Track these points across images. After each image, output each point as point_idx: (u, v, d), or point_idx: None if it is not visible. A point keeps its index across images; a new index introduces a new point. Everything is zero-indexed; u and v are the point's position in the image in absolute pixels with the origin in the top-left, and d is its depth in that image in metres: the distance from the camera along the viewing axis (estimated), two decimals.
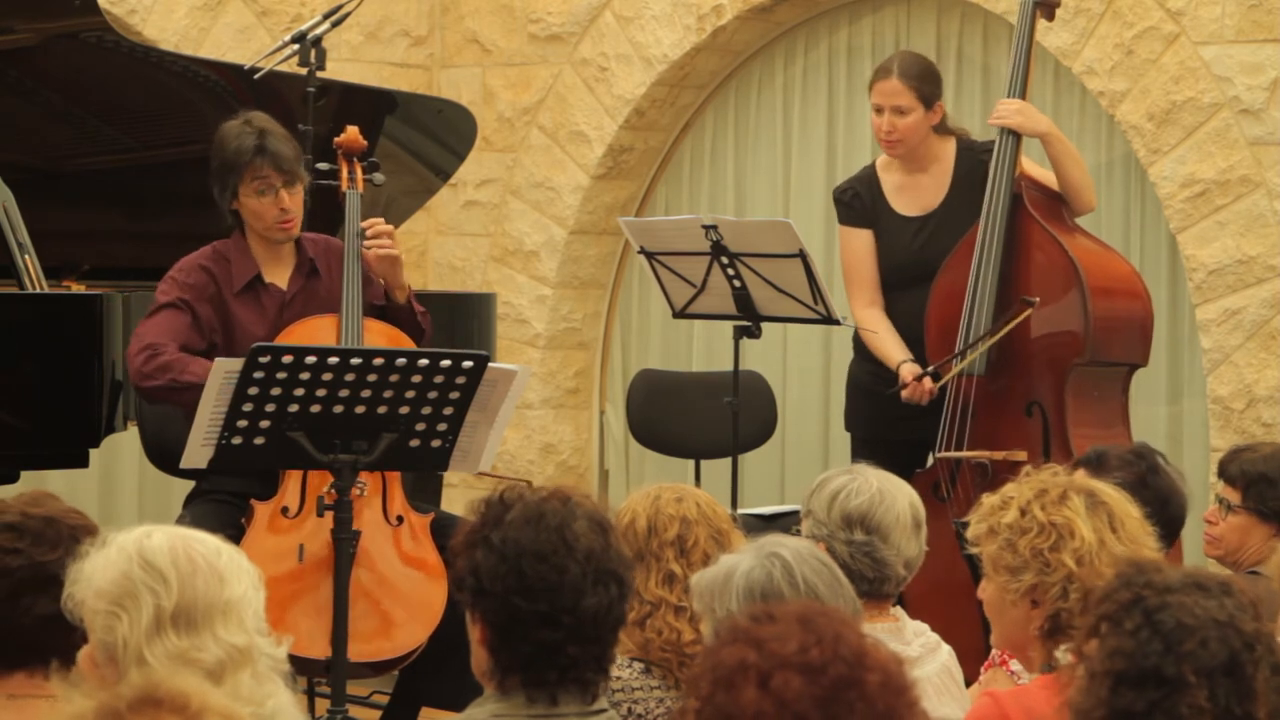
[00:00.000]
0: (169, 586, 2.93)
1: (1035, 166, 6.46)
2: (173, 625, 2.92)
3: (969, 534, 3.61)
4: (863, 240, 6.52)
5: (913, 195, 6.50)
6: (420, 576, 5.61)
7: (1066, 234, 6.28)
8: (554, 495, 3.22)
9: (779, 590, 3.46)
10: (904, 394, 6.25)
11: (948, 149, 6.49)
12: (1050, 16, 6.46)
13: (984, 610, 3.65)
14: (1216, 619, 2.67)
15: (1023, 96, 6.33)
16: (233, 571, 2.98)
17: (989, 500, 3.62)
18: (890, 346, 6.37)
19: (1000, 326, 6.16)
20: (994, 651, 4.32)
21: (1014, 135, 6.28)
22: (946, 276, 6.31)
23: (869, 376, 6.44)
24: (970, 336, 6.21)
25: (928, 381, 6.21)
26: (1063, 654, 3.31)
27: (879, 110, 6.41)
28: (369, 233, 5.73)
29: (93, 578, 2.97)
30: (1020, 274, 6.23)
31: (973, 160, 6.41)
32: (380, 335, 5.74)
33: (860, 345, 6.54)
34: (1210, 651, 2.65)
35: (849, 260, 6.56)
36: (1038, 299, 6.13)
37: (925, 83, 6.44)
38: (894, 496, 4.20)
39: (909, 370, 6.27)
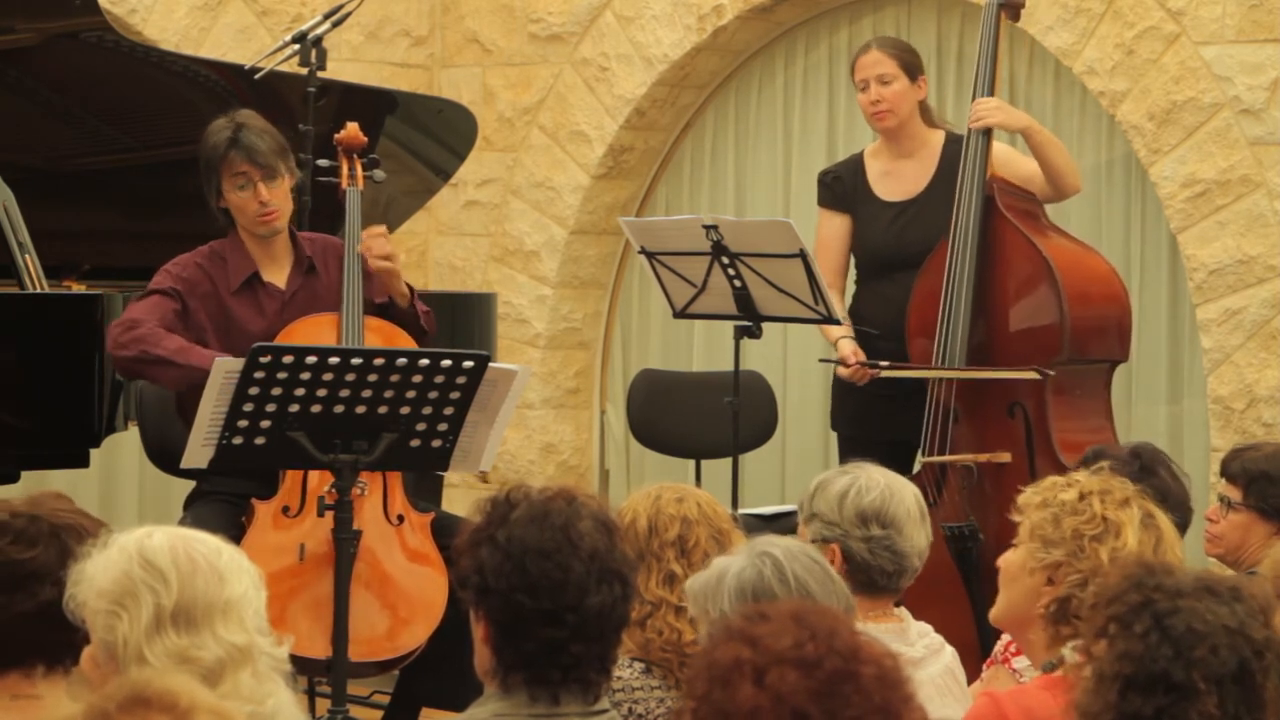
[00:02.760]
0: (169, 585, 2.94)
1: (1010, 152, 6.46)
2: (173, 624, 2.92)
3: (1020, 500, 3.61)
4: (836, 224, 6.54)
5: (896, 181, 6.52)
6: (421, 576, 5.60)
7: (1041, 234, 6.28)
8: (559, 494, 3.23)
9: (770, 589, 3.47)
10: (840, 372, 6.27)
11: (935, 139, 6.52)
12: (1015, 17, 6.46)
13: (998, 579, 3.65)
14: (1227, 625, 2.66)
15: (991, 95, 6.34)
16: (233, 571, 2.98)
17: (1053, 478, 3.63)
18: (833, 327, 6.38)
19: (979, 370, 6.15)
20: (997, 648, 4.32)
21: (985, 134, 6.29)
22: (926, 280, 6.32)
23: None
24: (947, 338, 6.21)
25: (866, 369, 6.23)
26: (1070, 652, 3.31)
27: (864, 86, 6.45)
28: (364, 243, 5.71)
29: (94, 578, 2.98)
30: (996, 275, 6.23)
31: (958, 152, 6.42)
32: (380, 334, 5.74)
33: None
34: (1220, 659, 2.64)
35: (818, 242, 6.59)
36: (1052, 373, 6.09)
37: (905, 52, 6.50)
38: (901, 489, 4.22)
39: (848, 347, 6.29)
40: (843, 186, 6.56)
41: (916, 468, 6.32)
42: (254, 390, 5.07)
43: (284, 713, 2.94)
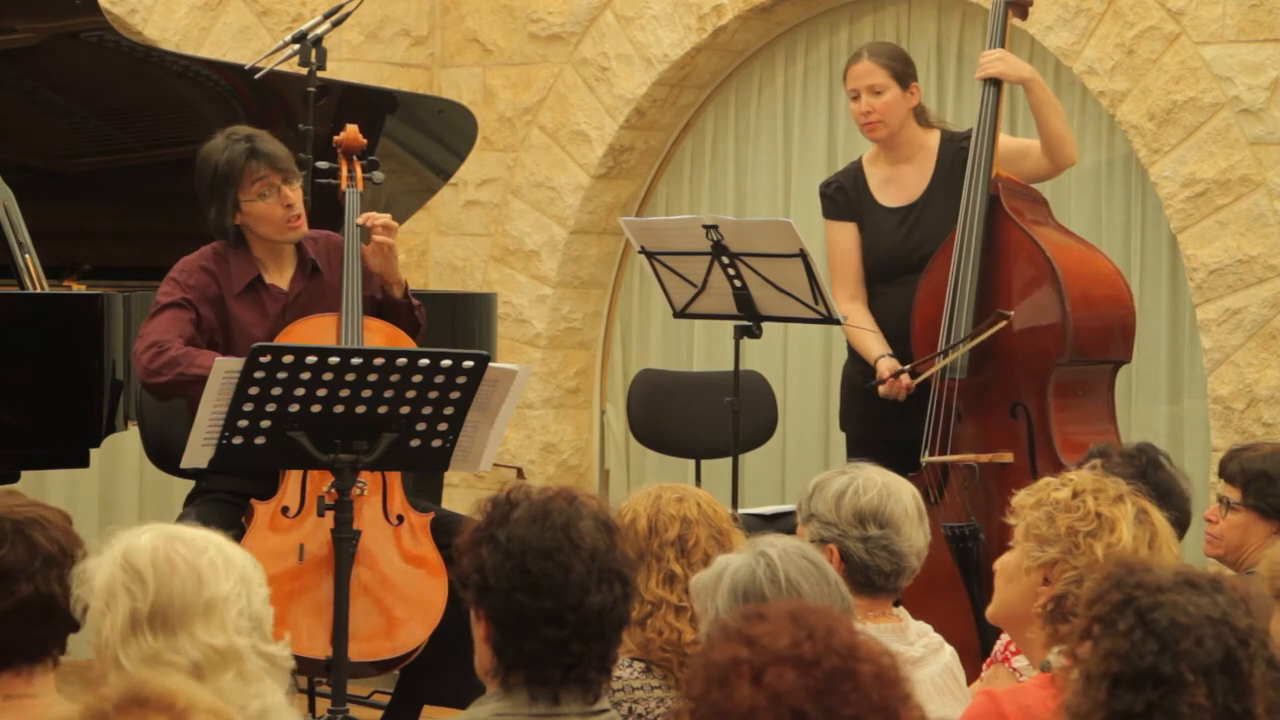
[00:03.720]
0: (145, 588, 2.93)
1: (1004, 136, 6.47)
2: (149, 627, 2.91)
3: (1014, 502, 3.63)
4: (846, 234, 6.54)
5: (897, 187, 6.51)
6: (421, 575, 5.61)
7: (1045, 234, 6.27)
8: (560, 494, 3.23)
9: (760, 589, 3.48)
10: (881, 390, 6.27)
11: (931, 140, 6.51)
12: (1023, 16, 6.46)
13: (994, 580, 3.66)
14: (1210, 616, 2.67)
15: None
16: (214, 571, 2.95)
17: (1046, 479, 3.65)
18: (870, 341, 6.38)
19: (975, 335, 6.15)
20: (996, 648, 4.32)
21: (995, 86, 6.29)
22: (930, 277, 6.32)
23: (862, 376, 6.44)
24: (951, 337, 6.21)
25: (905, 378, 6.23)
26: (1056, 657, 3.31)
27: (855, 96, 6.45)
28: (370, 223, 5.74)
29: (92, 577, 2.98)
30: (999, 275, 6.23)
31: (954, 149, 6.43)
32: (380, 334, 5.74)
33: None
34: (1206, 649, 2.64)
35: (832, 254, 6.58)
36: (1012, 313, 6.11)
37: (897, 61, 6.48)
38: (899, 489, 4.22)
39: (886, 365, 6.29)
40: (846, 197, 6.56)
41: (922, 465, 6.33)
42: (254, 390, 5.07)
43: (272, 714, 2.92)
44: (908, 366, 6.25)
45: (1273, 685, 2.67)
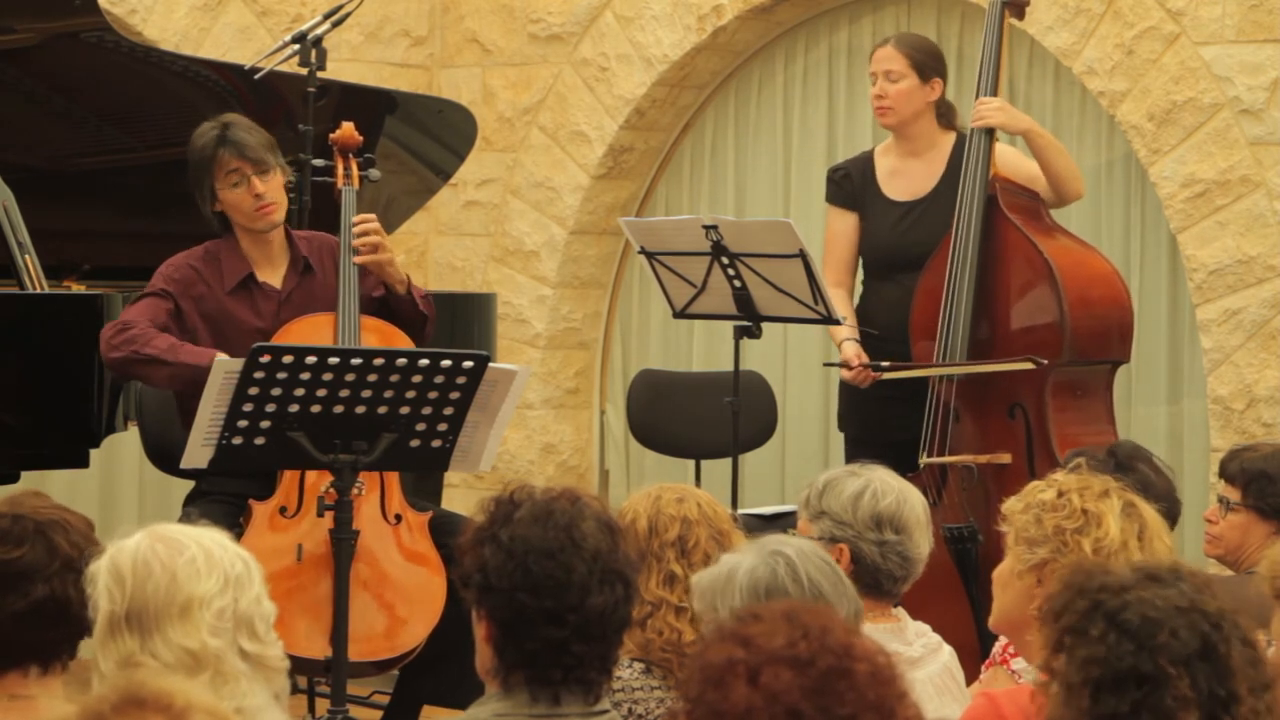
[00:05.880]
0: (124, 590, 2.93)
1: (1013, 154, 6.46)
2: (126, 629, 2.92)
3: (1004, 509, 3.63)
4: (844, 221, 6.55)
5: (905, 181, 6.52)
6: (419, 575, 5.61)
7: (1043, 234, 6.27)
8: (563, 495, 3.24)
9: (784, 588, 3.47)
10: (843, 375, 6.28)
11: (946, 140, 6.51)
12: (1020, 16, 6.46)
13: (992, 588, 3.67)
14: (1179, 606, 2.66)
15: (994, 94, 6.34)
16: (190, 572, 2.95)
17: (1034, 483, 3.66)
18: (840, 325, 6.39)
19: (979, 363, 6.16)
20: (995, 649, 4.33)
21: (987, 133, 6.30)
22: (929, 276, 6.32)
23: None
24: (948, 337, 6.21)
25: (869, 371, 6.24)
26: (1031, 673, 3.31)
27: (874, 80, 6.46)
28: (354, 233, 5.74)
29: (94, 580, 2.99)
30: (997, 275, 6.24)
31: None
32: (377, 334, 5.74)
33: None
34: (1182, 640, 2.64)
35: (827, 238, 6.60)
36: (1046, 361, 6.08)
37: (920, 52, 6.47)
38: (913, 496, 4.24)
39: (852, 351, 6.30)
40: (851, 184, 6.56)
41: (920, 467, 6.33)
42: (254, 390, 5.07)
43: (250, 716, 2.90)
44: (881, 364, 6.25)
45: (1251, 663, 2.67)
